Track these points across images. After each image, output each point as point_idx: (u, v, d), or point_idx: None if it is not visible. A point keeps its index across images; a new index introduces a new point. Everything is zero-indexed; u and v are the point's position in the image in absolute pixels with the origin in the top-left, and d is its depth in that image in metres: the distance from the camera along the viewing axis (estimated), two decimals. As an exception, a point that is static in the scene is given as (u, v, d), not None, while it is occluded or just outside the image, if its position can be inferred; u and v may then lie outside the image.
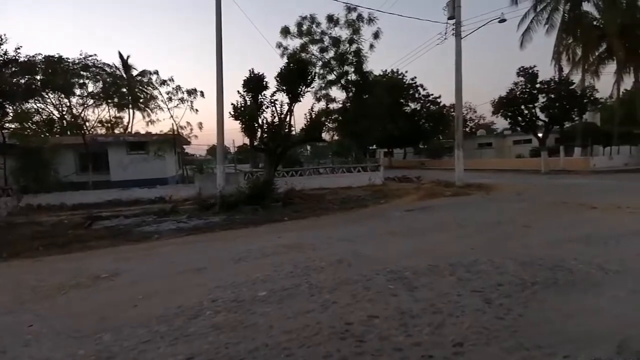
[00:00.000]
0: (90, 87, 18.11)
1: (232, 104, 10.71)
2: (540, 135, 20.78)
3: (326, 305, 3.29)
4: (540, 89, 19.56)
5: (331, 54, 17.24)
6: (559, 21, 21.40)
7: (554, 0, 21.40)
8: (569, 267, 4.00)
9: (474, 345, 2.52)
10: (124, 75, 26.62)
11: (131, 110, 26.32)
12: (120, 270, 4.97)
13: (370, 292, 3.56)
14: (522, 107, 19.83)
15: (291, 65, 10.41)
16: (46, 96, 17.53)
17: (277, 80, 10.53)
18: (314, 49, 17.17)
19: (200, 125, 19.34)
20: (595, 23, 21.93)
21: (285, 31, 16.89)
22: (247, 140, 11.23)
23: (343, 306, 3.25)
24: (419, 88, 35.62)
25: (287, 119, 10.55)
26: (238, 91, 10.90)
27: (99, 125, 26.22)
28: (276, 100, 10.77)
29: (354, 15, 17.09)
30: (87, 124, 21.15)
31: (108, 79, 18.98)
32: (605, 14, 20.20)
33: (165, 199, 12.38)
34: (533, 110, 20.21)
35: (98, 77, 18.31)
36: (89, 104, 19.04)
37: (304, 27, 16.97)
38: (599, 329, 2.63)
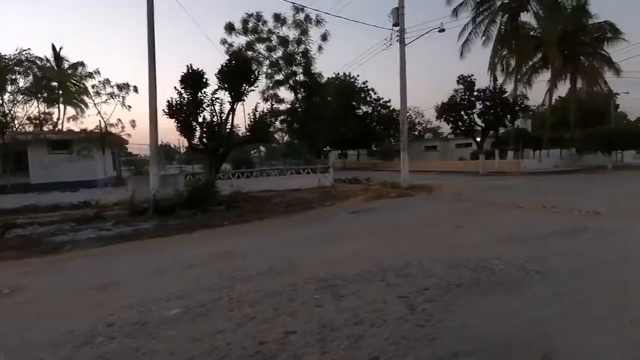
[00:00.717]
0: (22, 83, 16.42)
1: (167, 100, 9.99)
2: (478, 139, 22.21)
3: (243, 322, 2.99)
4: (478, 97, 20.93)
5: (279, 53, 16.99)
6: (495, 33, 23.12)
7: (491, 14, 23.08)
8: (491, 268, 4.10)
9: (390, 358, 2.39)
10: (56, 68, 24.18)
11: (62, 106, 23.93)
12: (23, 286, 4.37)
13: (295, 304, 3.33)
14: (462, 113, 21.06)
15: (233, 62, 9.92)
16: None
17: (218, 78, 9.98)
18: (260, 47, 16.80)
19: (132, 123, 17.86)
20: (532, 33, 23.94)
21: (229, 27, 16.21)
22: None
23: (261, 322, 2.98)
24: (370, 92, 36.55)
25: (229, 119, 10.06)
26: (175, 87, 10.20)
27: (27, 122, 23.59)
28: (217, 98, 10.24)
29: (301, 16, 17.00)
30: (16, 121, 18.90)
31: (38, 73, 17.22)
32: (545, 22, 21.98)
33: (90, 204, 11.19)
34: (472, 116, 21.56)
35: (29, 71, 16.70)
36: (19, 100, 17.20)
37: (250, 25, 16.50)
38: (518, 334, 2.63)
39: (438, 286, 3.61)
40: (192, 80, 10.14)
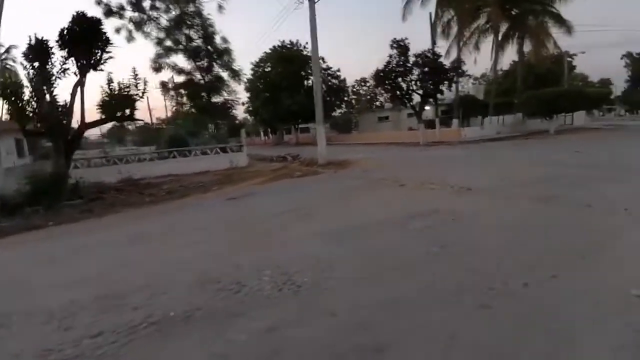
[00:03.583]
0: None
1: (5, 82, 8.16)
2: (416, 108, 21.29)
3: None
4: (416, 63, 19.75)
5: (169, 15, 14.71)
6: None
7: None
8: (247, 285, 3.04)
9: None
10: None
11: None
12: None
13: None
14: (399, 79, 19.89)
15: (75, 26, 8.09)
16: None
17: (58, 44, 8.15)
18: (145, 5, 14.34)
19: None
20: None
21: None
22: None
23: None
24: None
25: (76, 95, 8.35)
26: (21, 63, 8.36)
27: None
28: (67, 69, 8.45)
29: None
30: None
31: None
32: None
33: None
34: (410, 84, 20.44)
35: None
36: None
37: None
38: None
39: (130, 325, 2.50)
40: (37, 52, 8.29)
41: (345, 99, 34.86)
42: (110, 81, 8.53)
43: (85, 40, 8.25)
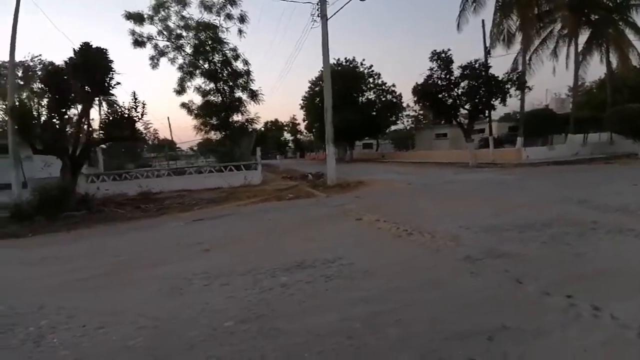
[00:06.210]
0: None
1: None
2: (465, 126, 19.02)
3: None
4: (463, 75, 17.75)
5: (192, 40, 15.66)
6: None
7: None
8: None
9: None
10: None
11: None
12: None
13: None
14: (441, 95, 18.05)
15: (81, 56, 9.03)
16: None
17: (67, 72, 9.18)
18: (169, 35, 15.45)
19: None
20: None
21: (133, 17, 14.99)
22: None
23: None
24: (374, 77, 33.83)
25: (85, 117, 9.28)
26: (48, 90, 9.71)
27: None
28: (76, 96, 9.48)
29: None
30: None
31: None
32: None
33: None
34: (459, 99, 18.40)
35: None
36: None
37: (151, 12, 15.37)
38: None
39: None
40: (54, 79, 9.53)
41: (400, 115, 33.12)
42: (111, 104, 9.37)
43: (92, 69, 9.19)
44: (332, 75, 34.30)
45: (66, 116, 9.38)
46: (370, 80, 35.29)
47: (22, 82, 14.82)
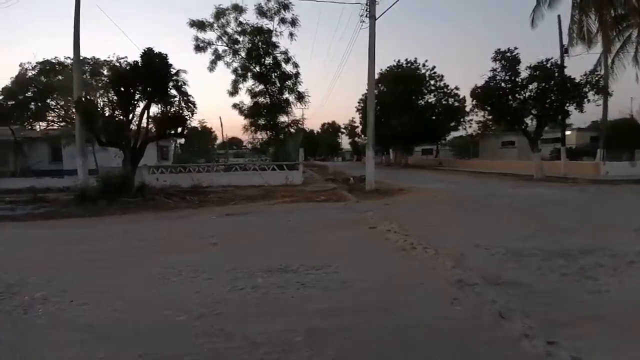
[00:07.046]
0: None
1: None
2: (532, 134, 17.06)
3: None
4: (532, 76, 15.97)
5: (246, 45, 16.34)
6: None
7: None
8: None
9: None
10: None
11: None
12: None
13: None
14: (508, 97, 16.42)
15: (145, 60, 10.09)
16: None
17: (131, 75, 10.33)
18: (226, 39, 16.35)
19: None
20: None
21: (196, 24, 16.15)
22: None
23: None
24: (436, 79, 32.17)
25: (144, 114, 10.42)
26: (113, 89, 11.09)
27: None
28: (140, 96, 10.65)
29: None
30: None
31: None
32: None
33: (69, 189, 13.17)
34: (527, 103, 16.59)
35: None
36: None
37: (211, 20, 16.34)
38: None
39: None
40: (121, 81, 10.84)
41: (462, 120, 30.94)
42: (166, 103, 10.32)
43: (154, 72, 10.23)
44: (392, 77, 33.64)
45: (129, 114, 10.61)
46: (432, 82, 33.68)
47: (89, 78, 16.50)
